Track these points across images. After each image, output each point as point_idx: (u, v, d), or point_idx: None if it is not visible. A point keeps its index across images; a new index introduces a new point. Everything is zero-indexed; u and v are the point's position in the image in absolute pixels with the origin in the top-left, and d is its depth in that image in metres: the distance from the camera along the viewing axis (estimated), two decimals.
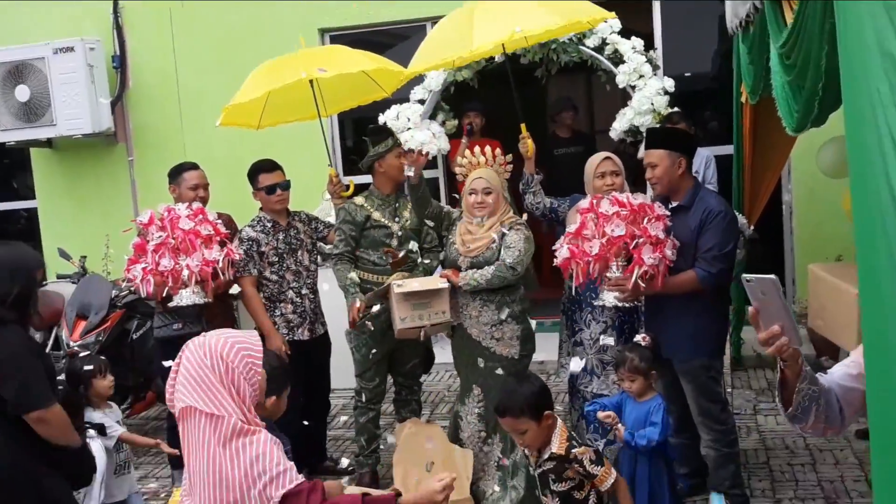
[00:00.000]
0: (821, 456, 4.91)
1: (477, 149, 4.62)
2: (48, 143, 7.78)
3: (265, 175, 4.86)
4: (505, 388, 3.43)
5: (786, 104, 3.22)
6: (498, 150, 4.56)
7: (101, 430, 4.02)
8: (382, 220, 4.74)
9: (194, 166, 5.07)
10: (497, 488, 4.41)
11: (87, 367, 4.08)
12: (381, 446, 4.99)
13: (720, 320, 4.28)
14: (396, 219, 4.78)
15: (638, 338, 3.94)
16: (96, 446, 3.88)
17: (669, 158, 4.07)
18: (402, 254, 4.70)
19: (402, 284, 4.28)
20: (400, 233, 4.76)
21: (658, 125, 5.95)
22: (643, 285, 3.90)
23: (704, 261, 4.00)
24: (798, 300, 6.49)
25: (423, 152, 4.78)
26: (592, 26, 5.20)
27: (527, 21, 4.15)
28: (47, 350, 5.51)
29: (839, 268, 4.43)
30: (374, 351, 4.76)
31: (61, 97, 7.32)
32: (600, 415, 3.72)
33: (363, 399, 4.89)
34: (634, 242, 3.91)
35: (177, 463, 4.65)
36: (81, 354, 4.37)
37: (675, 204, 4.13)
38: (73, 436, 3.29)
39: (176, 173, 5.03)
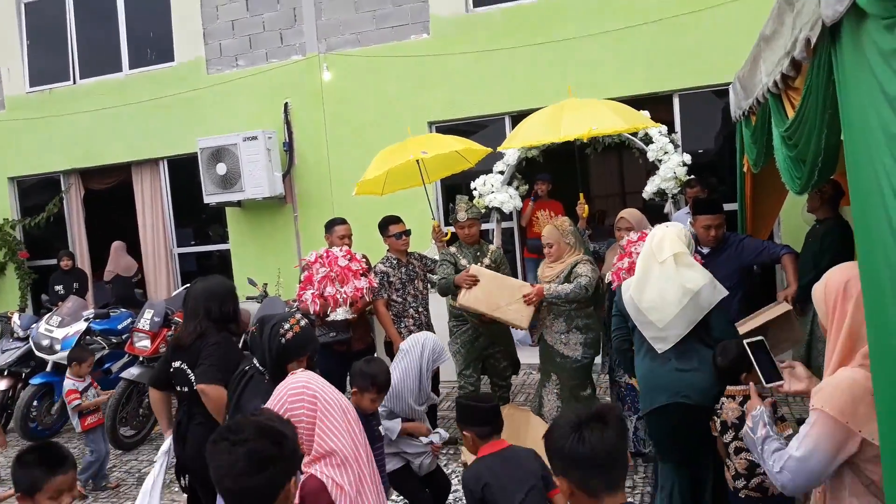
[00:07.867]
0: None
1: (542, 212, 4.71)
2: (238, 203, 8.01)
3: (394, 226, 4.90)
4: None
5: (789, 173, 3.04)
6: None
7: None
8: (466, 263, 4.76)
9: (343, 221, 5.13)
10: None
11: None
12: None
13: None
14: (478, 263, 4.79)
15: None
16: None
17: (723, 218, 4.22)
18: None
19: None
20: None
21: (680, 189, 5.83)
22: None
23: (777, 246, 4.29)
24: None
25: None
26: (645, 128, 5.27)
27: (601, 122, 4.23)
28: None
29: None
30: (465, 352, 4.79)
31: (248, 171, 7.54)
32: None
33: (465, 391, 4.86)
34: None
35: None
36: None
37: (706, 251, 4.14)
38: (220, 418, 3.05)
39: (331, 225, 5.12)
